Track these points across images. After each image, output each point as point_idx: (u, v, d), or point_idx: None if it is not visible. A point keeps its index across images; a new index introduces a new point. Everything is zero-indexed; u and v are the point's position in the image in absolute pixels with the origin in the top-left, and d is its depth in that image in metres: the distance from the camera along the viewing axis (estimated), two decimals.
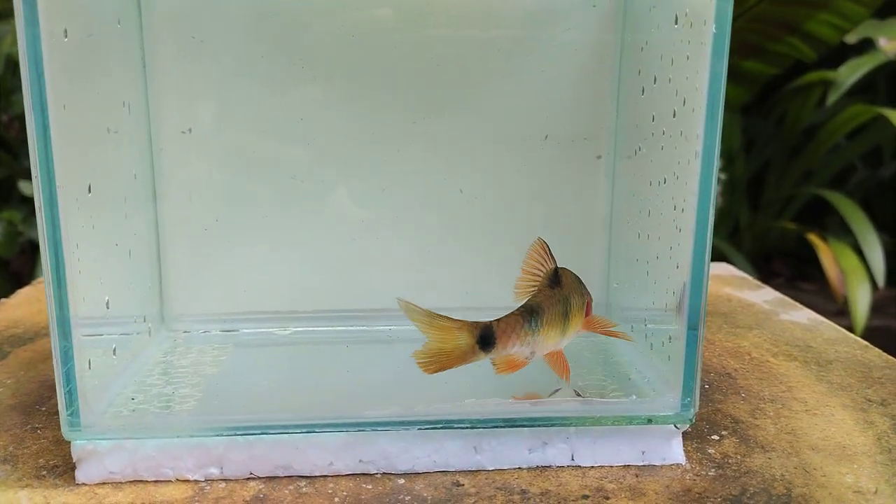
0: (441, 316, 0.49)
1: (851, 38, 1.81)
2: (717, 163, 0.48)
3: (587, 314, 0.54)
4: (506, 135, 0.67)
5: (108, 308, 0.54)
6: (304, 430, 0.50)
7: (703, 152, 0.48)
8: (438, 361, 0.49)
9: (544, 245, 0.52)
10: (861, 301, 1.56)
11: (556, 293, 0.52)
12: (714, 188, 0.48)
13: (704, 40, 0.47)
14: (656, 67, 0.57)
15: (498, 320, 0.50)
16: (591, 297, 0.55)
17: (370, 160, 0.66)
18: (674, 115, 0.53)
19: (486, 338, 0.50)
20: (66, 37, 0.47)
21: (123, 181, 0.59)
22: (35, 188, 0.45)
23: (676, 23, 0.53)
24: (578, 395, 0.55)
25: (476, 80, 0.65)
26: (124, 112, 0.59)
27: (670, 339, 0.54)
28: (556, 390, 0.55)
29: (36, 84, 0.44)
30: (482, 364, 0.60)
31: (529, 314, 0.51)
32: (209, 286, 0.68)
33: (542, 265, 0.52)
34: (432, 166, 0.67)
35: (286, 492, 0.49)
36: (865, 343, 0.75)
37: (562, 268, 0.54)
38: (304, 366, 0.63)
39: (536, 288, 0.52)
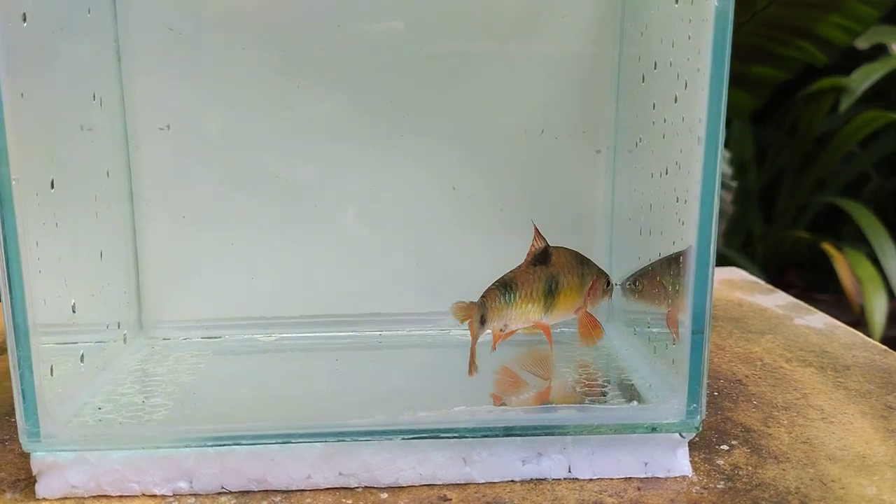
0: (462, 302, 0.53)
1: (863, 44, 1.77)
2: (721, 147, 0.44)
3: (592, 291, 0.55)
4: (500, 129, 0.63)
5: (73, 312, 0.51)
6: (279, 441, 0.47)
7: (706, 137, 0.44)
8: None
9: (534, 227, 0.54)
10: (878, 310, 1.52)
11: (539, 271, 0.54)
12: (719, 175, 0.44)
13: (706, 16, 0.44)
14: (656, 52, 0.53)
15: (483, 295, 0.53)
16: (600, 277, 0.56)
17: (358, 157, 0.63)
18: (675, 101, 0.50)
19: (483, 314, 0.53)
20: (24, 21, 0.45)
21: (94, 178, 0.56)
22: None
23: (677, 2, 0.49)
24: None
25: (467, 71, 0.62)
26: (95, 106, 0.56)
27: (675, 341, 0.50)
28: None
29: None
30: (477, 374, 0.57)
31: (504, 288, 0.53)
32: (190, 291, 0.64)
33: (532, 245, 0.55)
34: (423, 163, 0.64)
35: None
36: (885, 348, 0.70)
37: (558, 247, 0.55)
38: (288, 374, 0.60)
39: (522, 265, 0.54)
